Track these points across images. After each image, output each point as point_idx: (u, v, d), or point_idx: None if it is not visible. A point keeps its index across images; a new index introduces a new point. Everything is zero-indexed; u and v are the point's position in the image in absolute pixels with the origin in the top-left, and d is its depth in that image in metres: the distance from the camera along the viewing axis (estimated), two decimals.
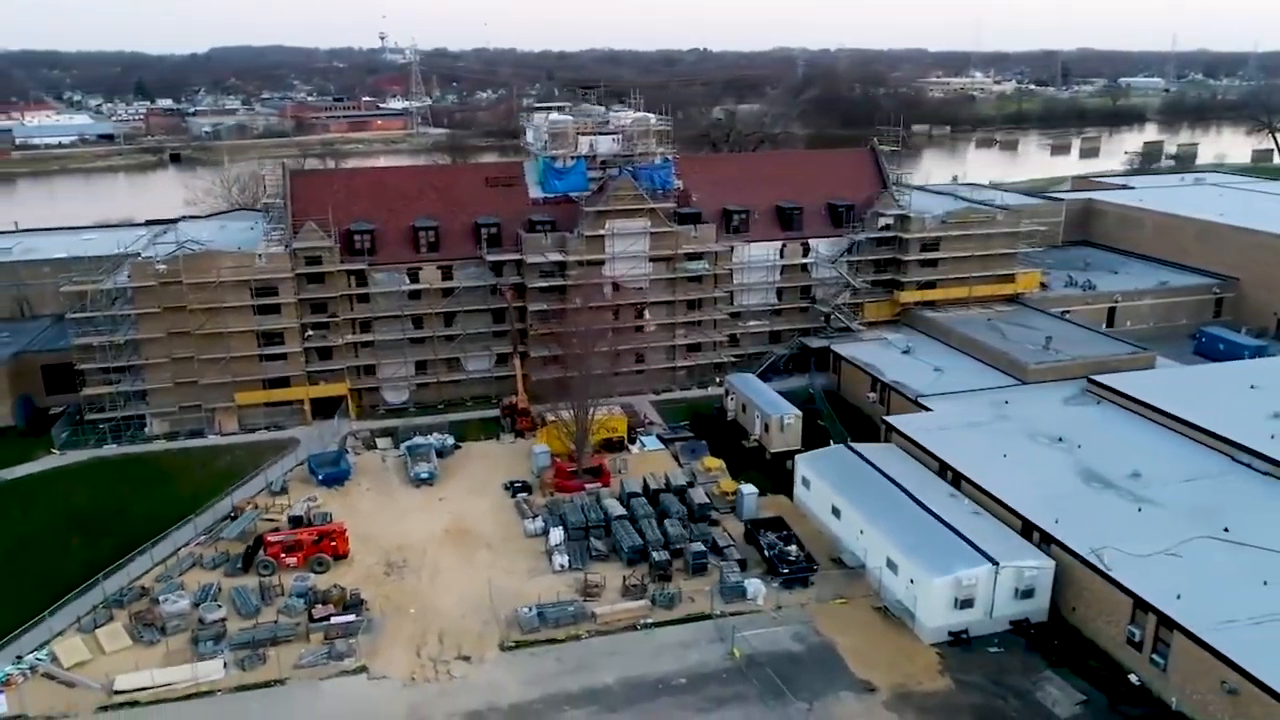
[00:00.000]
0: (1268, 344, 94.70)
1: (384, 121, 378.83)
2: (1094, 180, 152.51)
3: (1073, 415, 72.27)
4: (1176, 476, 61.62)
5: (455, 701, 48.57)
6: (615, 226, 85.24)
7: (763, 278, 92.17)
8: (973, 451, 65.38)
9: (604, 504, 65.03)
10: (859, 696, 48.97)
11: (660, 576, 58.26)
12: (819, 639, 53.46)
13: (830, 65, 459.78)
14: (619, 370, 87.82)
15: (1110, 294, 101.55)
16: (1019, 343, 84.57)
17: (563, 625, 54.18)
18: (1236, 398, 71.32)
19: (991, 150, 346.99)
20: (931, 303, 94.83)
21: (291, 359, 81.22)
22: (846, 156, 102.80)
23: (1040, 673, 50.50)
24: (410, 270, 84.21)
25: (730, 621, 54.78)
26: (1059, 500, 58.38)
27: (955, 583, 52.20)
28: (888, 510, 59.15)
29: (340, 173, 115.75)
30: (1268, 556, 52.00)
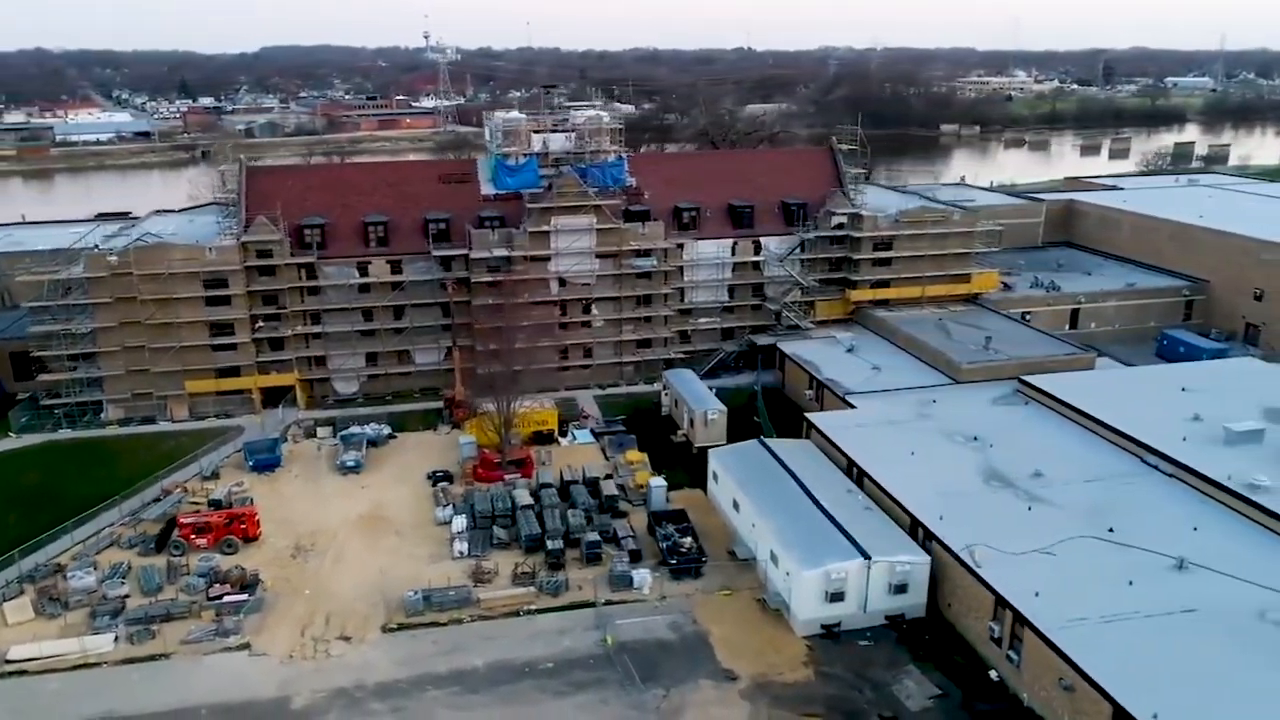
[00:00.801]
0: (1228, 347, 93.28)
1: (413, 120, 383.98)
2: (1084, 180, 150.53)
3: (996, 415, 72.14)
4: (1080, 477, 61.40)
5: (325, 679, 50.28)
6: (560, 223, 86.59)
7: (713, 275, 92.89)
8: (882, 449, 65.65)
9: (514, 494, 66.38)
10: (718, 685, 49.78)
11: (553, 565, 59.51)
12: (694, 629, 54.33)
13: (863, 65, 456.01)
14: (567, 365, 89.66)
15: (1073, 295, 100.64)
16: (961, 343, 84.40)
17: (447, 609, 55.67)
18: (1163, 400, 70.68)
19: (1020, 150, 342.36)
20: (886, 302, 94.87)
21: (242, 349, 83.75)
22: (804, 155, 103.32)
23: (903, 667, 50.90)
24: (360, 264, 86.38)
25: (612, 610, 55.94)
26: (953, 498, 58.57)
27: (825, 576, 52.75)
28: (780, 505, 59.75)
29: (296, 169, 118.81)
30: (1143, 557, 51.82)
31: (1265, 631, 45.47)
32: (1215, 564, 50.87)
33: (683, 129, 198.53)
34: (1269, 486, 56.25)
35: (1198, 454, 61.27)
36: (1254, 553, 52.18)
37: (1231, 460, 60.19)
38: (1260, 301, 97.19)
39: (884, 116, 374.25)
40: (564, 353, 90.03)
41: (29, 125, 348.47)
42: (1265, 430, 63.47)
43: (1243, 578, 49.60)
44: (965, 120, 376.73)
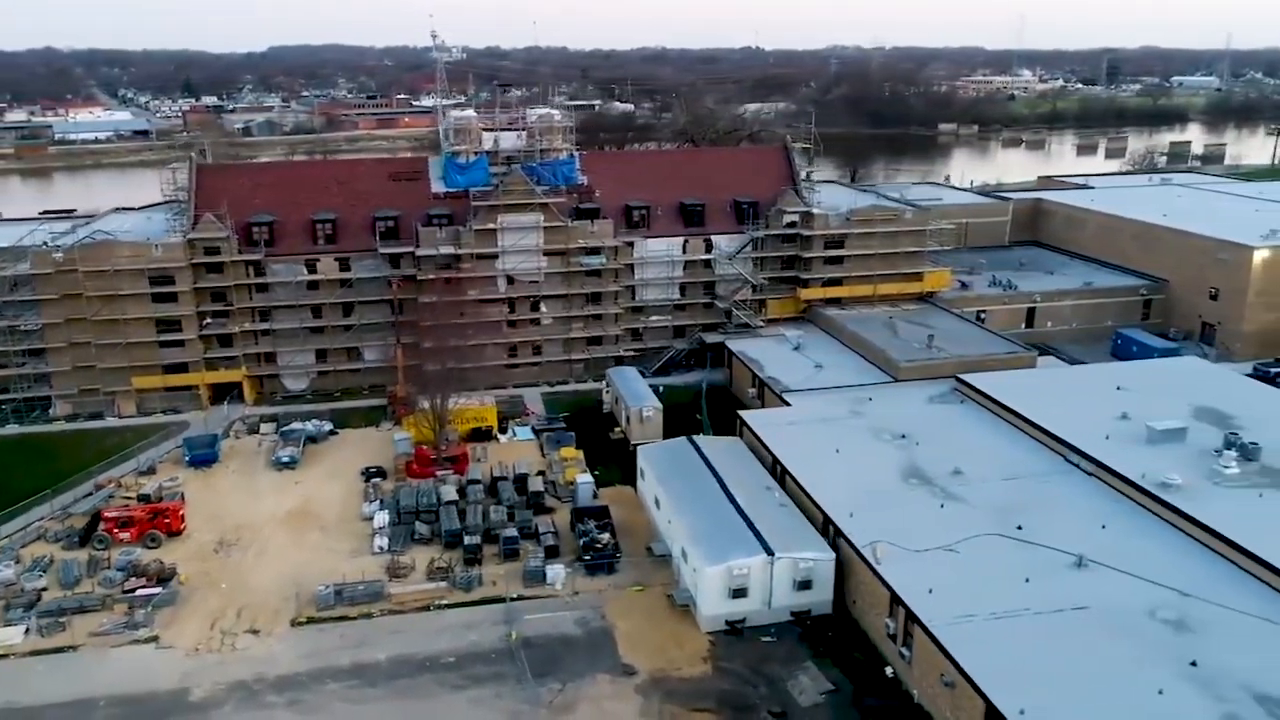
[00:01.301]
0: (1179, 346, 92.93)
1: (411, 119, 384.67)
2: (1056, 180, 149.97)
3: (930, 413, 72.15)
4: (999, 475, 61.40)
5: (226, 672, 50.72)
6: (506, 221, 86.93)
7: (663, 273, 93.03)
8: (808, 447, 65.74)
9: (440, 490, 66.74)
10: (615, 679, 50.02)
11: (469, 560, 59.86)
12: (601, 624, 54.56)
13: (863, 64, 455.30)
14: (516, 362, 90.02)
15: (1029, 294, 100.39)
16: (904, 341, 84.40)
17: (358, 604, 56.06)
18: (1097, 399, 70.43)
19: (1018, 150, 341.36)
20: (839, 300, 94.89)
21: (189, 346, 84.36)
22: (757, 154, 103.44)
23: (801, 663, 51.01)
24: (308, 262, 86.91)
25: (523, 605, 56.25)
26: (868, 495, 58.67)
27: (727, 572, 52.90)
28: (696, 501, 59.90)
29: (247, 167, 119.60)
30: (1045, 554, 51.81)
31: (1151, 629, 45.44)
32: (1117, 562, 50.83)
33: (663, 128, 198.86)
34: (1180, 485, 56.15)
35: (1118, 453, 61.18)
36: (1158, 551, 52.14)
37: (1151, 459, 60.07)
38: (1215, 301, 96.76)
39: (883, 116, 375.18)
40: (513, 350, 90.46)
41: (29, 124, 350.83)
42: (1188, 429, 63.29)
43: (1141, 575, 49.56)
44: (964, 120, 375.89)
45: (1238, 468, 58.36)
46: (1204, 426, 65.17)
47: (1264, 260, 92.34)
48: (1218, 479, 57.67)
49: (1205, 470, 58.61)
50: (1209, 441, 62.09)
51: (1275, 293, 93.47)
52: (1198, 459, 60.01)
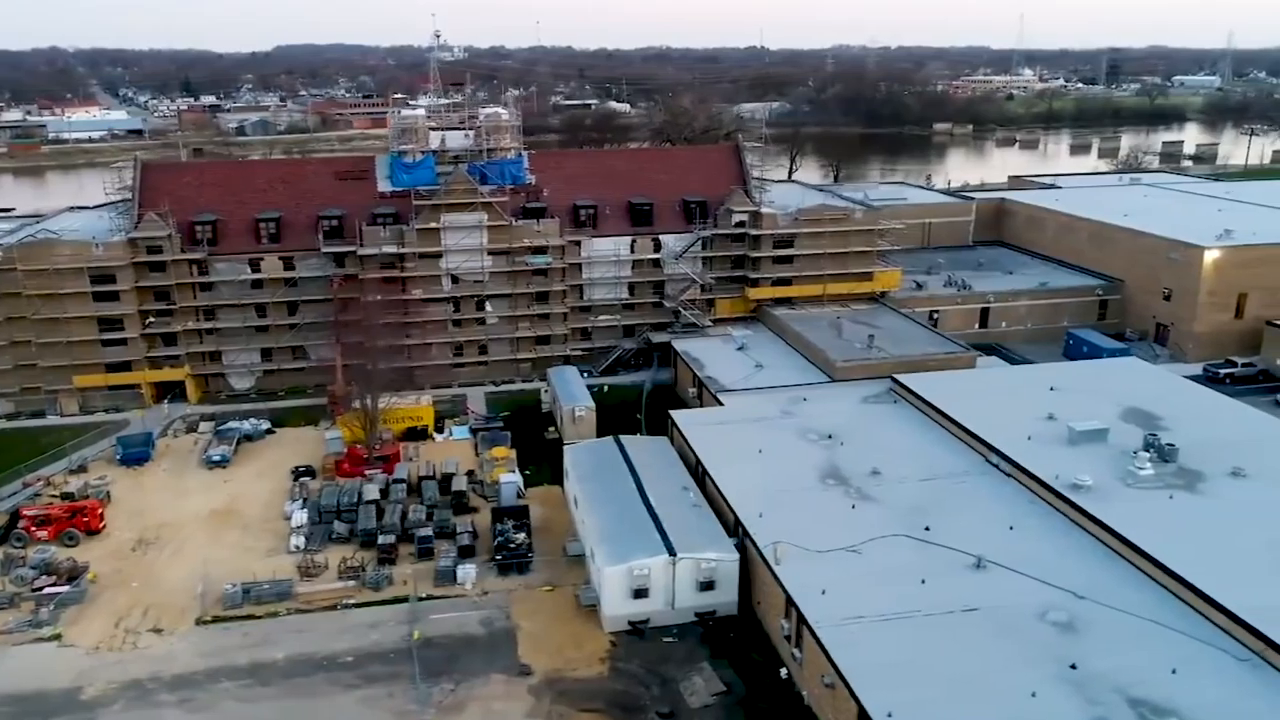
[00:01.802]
0: (1127, 347, 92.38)
1: None
2: (1025, 179, 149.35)
3: (861, 413, 71.81)
4: (917, 475, 61.08)
5: (123, 670, 50.74)
6: (449, 220, 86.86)
7: (612, 273, 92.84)
8: (732, 447, 65.48)
9: (363, 490, 66.70)
10: (509, 680, 49.89)
11: (383, 560, 59.81)
12: (505, 624, 54.46)
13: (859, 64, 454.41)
14: (461, 361, 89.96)
15: (983, 295, 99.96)
16: (846, 341, 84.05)
17: (265, 602, 56.06)
18: (1027, 399, 69.96)
19: (1012, 150, 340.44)
20: (790, 300, 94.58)
21: (132, 344, 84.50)
22: (709, 153, 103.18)
23: (698, 664, 50.82)
24: (252, 260, 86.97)
25: (431, 605, 56.19)
26: (782, 496, 58.38)
27: (628, 572, 52.73)
28: (609, 501, 59.73)
29: (192, 165, 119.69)
30: (946, 556, 51.51)
31: (1038, 631, 45.11)
32: (1017, 563, 50.49)
33: (641, 127, 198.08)
34: (1090, 486, 55.76)
35: (1036, 453, 60.81)
36: (1060, 552, 51.78)
37: (1070, 460, 59.69)
38: (1169, 301, 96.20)
39: (878, 115, 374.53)
40: (458, 349, 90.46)
41: (24, 123, 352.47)
42: (1109, 430, 62.87)
43: (1039, 577, 49.22)
44: (960, 120, 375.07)
45: (1152, 469, 57.93)
46: (1129, 428, 64.74)
47: (1214, 261, 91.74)
48: (1131, 480, 57.26)
49: (1120, 471, 58.19)
50: (1131, 443, 61.62)
51: (1226, 293, 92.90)
52: (1116, 460, 59.59)
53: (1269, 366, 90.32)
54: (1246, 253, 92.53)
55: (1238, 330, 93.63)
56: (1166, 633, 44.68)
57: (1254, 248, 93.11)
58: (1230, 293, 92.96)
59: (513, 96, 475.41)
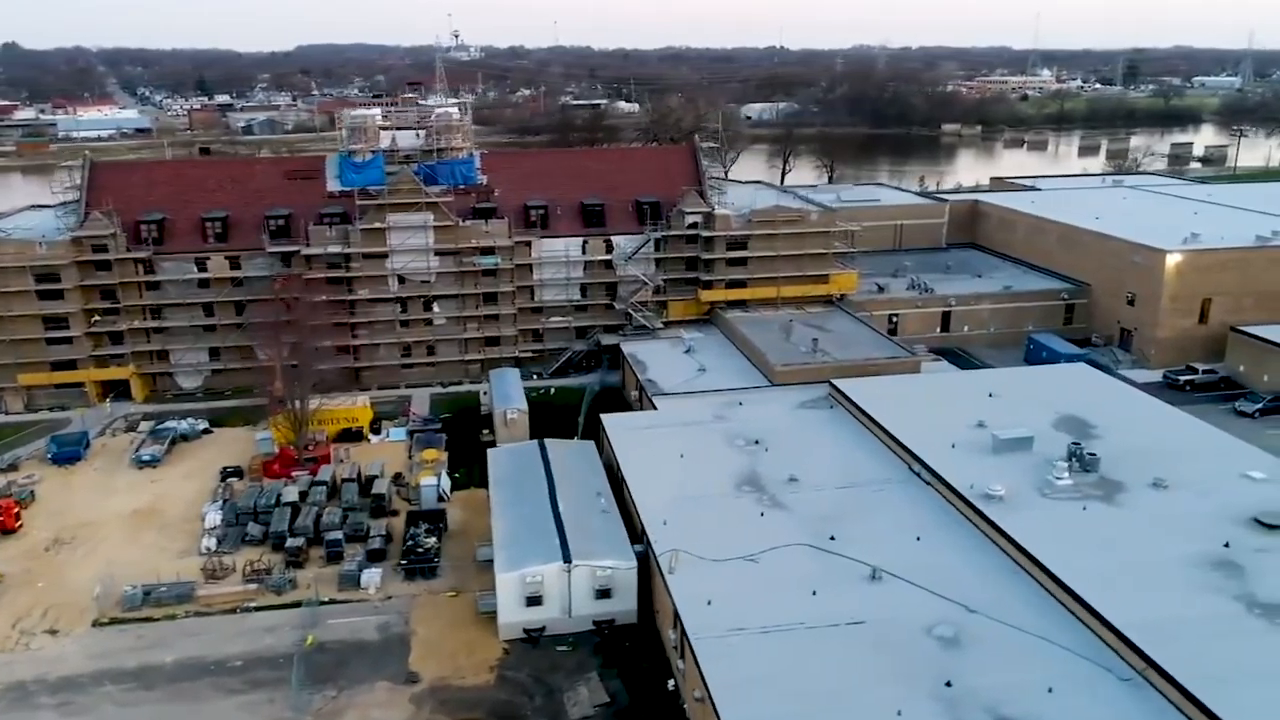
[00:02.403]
0: (1086, 352, 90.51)
1: None
2: (1005, 181, 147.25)
3: (794, 418, 70.60)
4: (835, 483, 59.85)
5: (10, 672, 50.39)
6: (393, 220, 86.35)
7: (563, 274, 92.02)
8: (653, 452, 64.39)
9: (282, 492, 66.25)
10: (394, 687, 49.21)
11: (290, 562, 59.33)
12: (402, 630, 53.80)
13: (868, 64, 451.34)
14: (410, 361, 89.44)
15: (944, 298, 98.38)
16: (792, 344, 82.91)
17: (165, 605, 55.69)
18: (961, 406, 68.35)
19: (1020, 151, 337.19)
20: (744, 303, 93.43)
21: (77, 343, 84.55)
22: (665, 153, 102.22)
23: (587, 674, 49.96)
24: (198, 259, 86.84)
25: (333, 609, 55.67)
26: (693, 502, 57.33)
27: (520, 579, 51.91)
28: (517, 506, 58.92)
29: (142, 165, 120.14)
30: (846, 566, 50.29)
31: (921, 647, 43.83)
32: (917, 575, 49.20)
33: (628, 127, 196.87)
34: (1002, 496, 54.38)
35: (957, 462, 59.39)
36: (962, 564, 50.45)
37: (990, 469, 58.21)
38: (1133, 306, 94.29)
39: (885, 116, 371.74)
40: (406, 350, 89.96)
41: (35, 122, 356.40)
42: (1034, 438, 61.33)
43: (934, 590, 47.94)
44: (968, 120, 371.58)
45: (1071, 479, 56.46)
46: (1061, 436, 63.11)
47: (1177, 265, 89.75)
48: (1048, 490, 55.82)
49: (1039, 481, 56.77)
50: (1057, 452, 60.05)
51: (1190, 298, 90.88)
52: (1037, 469, 58.11)
53: (1231, 373, 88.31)
54: (1210, 257, 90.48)
55: (1202, 336, 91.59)
56: (1053, 649, 43.34)
57: (1217, 252, 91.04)
58: (1194, 297, 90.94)
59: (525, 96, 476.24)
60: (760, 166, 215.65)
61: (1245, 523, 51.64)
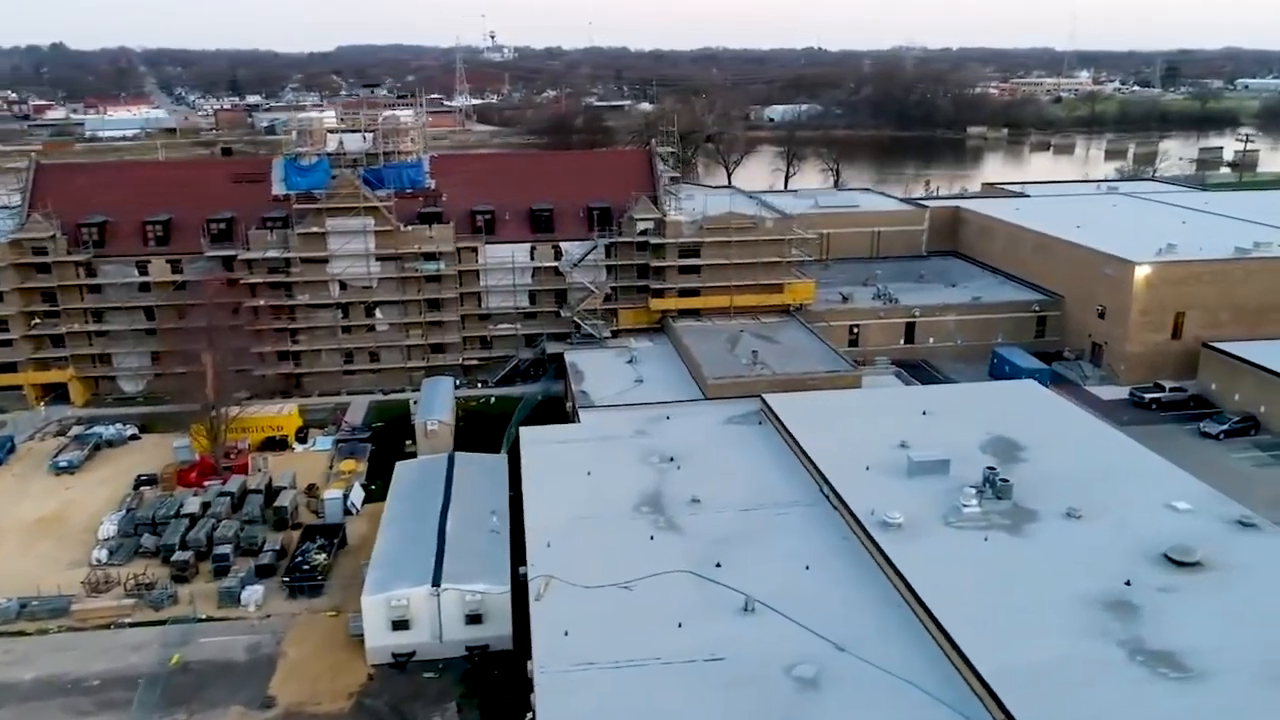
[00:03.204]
0: (1050, 368, 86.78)
1: (434, 118, 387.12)
2: (996, 186, 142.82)
3: (717, 434, 67.96)
4: (740, 504, 57.16)
5: None
6: (333, 224, 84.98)
7: (512, 280, 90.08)
8: (562, 468, 62.10)
9: (184, 502, 64.94)
10: (247, 712, 47.55)
11: (178, 577, 57.96)
12: (272, 651, 52.14)
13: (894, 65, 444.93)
14: (352, 368, 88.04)
15: (908, 309, 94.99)
16: (735, 357, 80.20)
17: (39, 619, 54.54)
18: (890, 424, 65.15)
19: (1046, 154, 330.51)
20: (697, 312, 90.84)
21: (17, 345, 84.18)
22: (618, 157, 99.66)
23: (446, 703, 47.93)
24: (139, 263, 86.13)
25: (209, 626, 54.21)
26: (586, 523, 54.99)
27: (385, 602, 50.00)
28: (404, 524, 57.13)
29: (87, 166, 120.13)
30: (724, 597, 47.48)
31: (775, 686, 41.12)
32: (794, 608, 46.49)
33: (621, 129, 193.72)
34: (901, 524, 51.40)
35: (867, 485, 56.43)
36: (845, 598, 47.61)
37: (899, 493, 55.21)
38: (1103, 319, 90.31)
39: (909, 118, 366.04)
40: (348, 356, 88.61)
41: (65, 121, 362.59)
42: (950, 461, 58.13)
43: (807, 625, 45.24)
44: (995, 122, 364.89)
45: (979, 507, 53.28)
46: (984, 459, 59.86)
47: (1146, 277, 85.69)
48: (953, 519, 52.70)
49: (947, 508, 53.70)
50: (975, 476, 56.90)
51: (1161, 312, 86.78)
52: (948, 495, 54.90)
53: (1203, 391, 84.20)
54: (1183, 269, 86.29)
55: (1175, 352, 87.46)
56: (914, 695, 40.49)
57: (1191, 264, 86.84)
58: (1165, 311, 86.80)
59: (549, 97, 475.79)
60: (765, 170, 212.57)
61: (1155, 559, 48.24)
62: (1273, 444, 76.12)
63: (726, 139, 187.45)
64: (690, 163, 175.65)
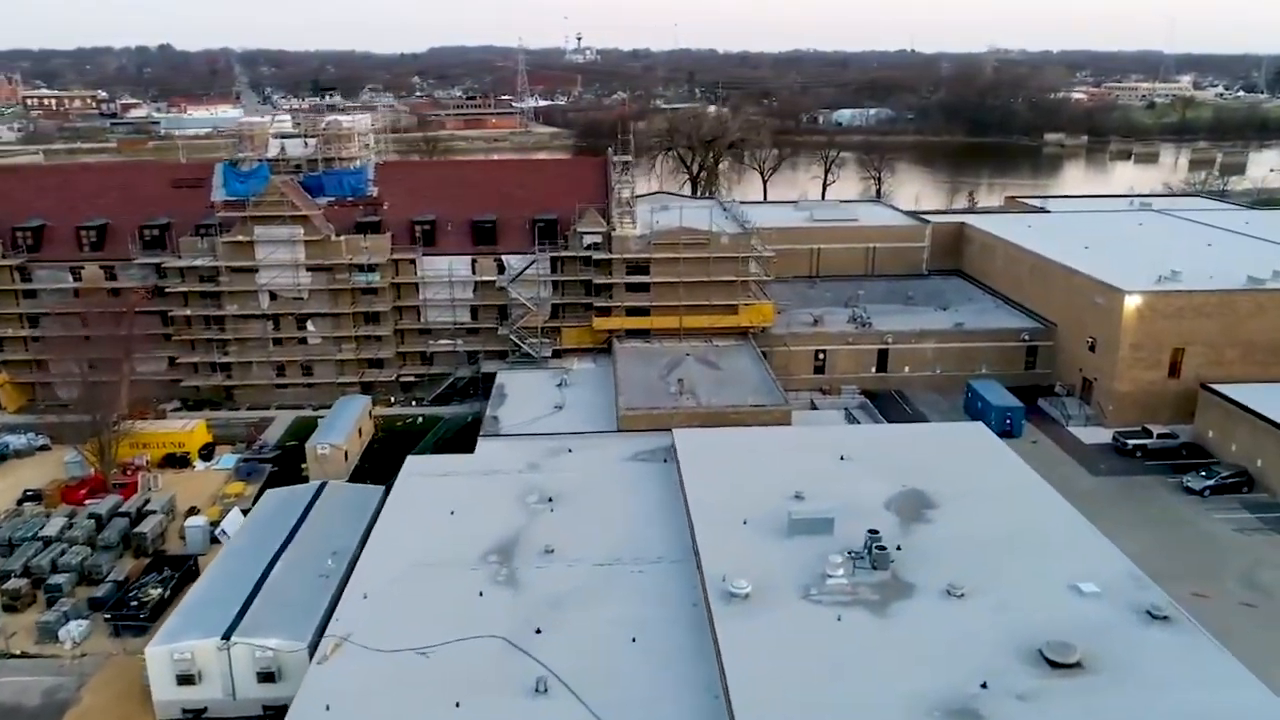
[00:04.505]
0: (1021, 407, 78.25)
1: (498, 120, 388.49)
2: (1018, 200, 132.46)
3: (613, 472, 62.30)
4: (597, 558, 51.51)
5: None
6: (261, 233, 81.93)
7: (451, 294, 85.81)
8: (426, 505, 57.41)
9: (46, 524, 62.29)
10: None
11: (8, 606, 55.13)
12: (68, 696, 48.67)
13: (973, 69, 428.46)
14: (285, 382, 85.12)
15: (881, 334, 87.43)
16: (664, 384, 74.29)
17: None
18: (796, 470, 58.31)
19: (1126, 163, 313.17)
20: (646, 332, 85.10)
21: None
22: (575, 166, 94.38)
23: None
24: (73, 268, 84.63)
25: (19, 664, 51.05)
26: (421, 571, 50.13)
27: (169, 655, 45.91)
28: (233, 563, 53.03)
29: (32, 170, 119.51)
30: (523, 671, 42.11)
31: None
32: (594, 689, 40.84)
33: (642, 134, 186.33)
34: (748, 595, 44.99)
35: (739, 543, 50.15)
36: (654, 680, 41.67)
37: (774, 554, 48.83)
38: (1093, 352, 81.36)
39: (985, 124, 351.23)
40: (280, 369, 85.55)
41: (143, 120, 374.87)
42: (834, 520, 51.26)
43: (598, 712, 39.57)
44: (1075, 129, 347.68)
45: (847, 578, 46.54)
46: (886, 516, 53.01)
47: (1138, 307, 76.61)
48: (813, 591, 46.06)
49: (813, 577, 47.06)
50: (859, 540, 50.08)
51: (1155, 347, 77.56)
52: (820, 561, 48.14)
53: (1199, 439, 74.90)
54: (1181, 300, 76.95)
55: (1172, 392, 78.19)
56: None
57: (1192, 294, 77.37)
58: (1160, 347, 77.56)
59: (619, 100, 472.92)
60: (804, 178, 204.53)
61: (1028, 655, 40.90)
62: (1263, 505, 66.70)
63: (751, 145, 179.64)
64: (714, 170, 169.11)
